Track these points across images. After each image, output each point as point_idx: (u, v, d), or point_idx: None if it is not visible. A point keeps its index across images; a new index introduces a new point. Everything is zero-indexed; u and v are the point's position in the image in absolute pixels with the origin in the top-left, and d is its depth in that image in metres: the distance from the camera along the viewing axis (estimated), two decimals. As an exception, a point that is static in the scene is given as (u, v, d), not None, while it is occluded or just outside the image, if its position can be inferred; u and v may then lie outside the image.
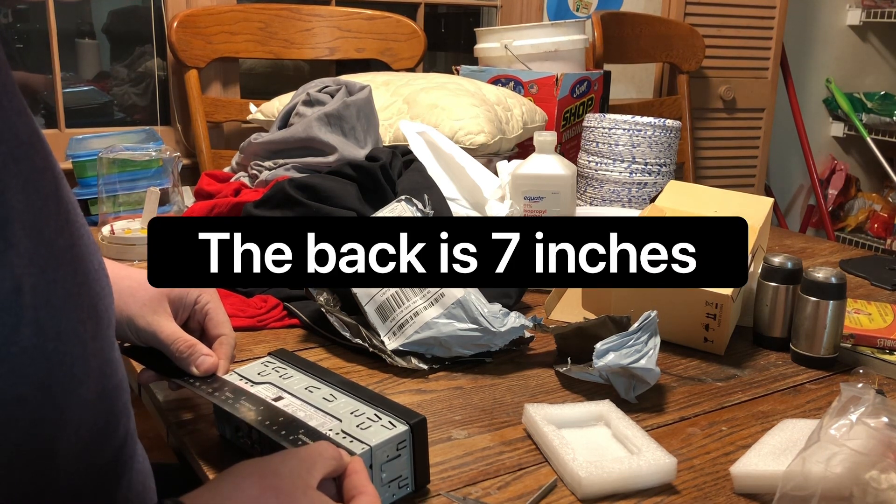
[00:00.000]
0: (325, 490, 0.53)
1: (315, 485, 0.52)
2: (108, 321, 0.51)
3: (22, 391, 0.40)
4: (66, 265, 0.45)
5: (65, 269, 0.44)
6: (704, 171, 2.65)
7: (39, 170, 0.43)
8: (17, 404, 0.40)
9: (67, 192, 0.47)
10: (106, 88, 2.12)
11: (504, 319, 0.91)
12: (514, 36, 1.93)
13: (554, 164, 1.18)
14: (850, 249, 1.55)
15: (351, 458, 0.57)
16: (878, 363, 0.96)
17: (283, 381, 0.70)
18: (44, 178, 0.44)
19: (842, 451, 0.61)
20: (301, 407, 0.66)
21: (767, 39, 2.68)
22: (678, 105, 2.47)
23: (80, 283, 0.46)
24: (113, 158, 1.38)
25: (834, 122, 3.28)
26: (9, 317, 0.39)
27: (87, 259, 0.48)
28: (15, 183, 0.40)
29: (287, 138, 1.30)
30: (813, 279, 0.95)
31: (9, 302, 0.39)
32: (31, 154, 0.43)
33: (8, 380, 0.39)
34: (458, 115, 1.48)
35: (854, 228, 3.29)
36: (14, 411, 0.40)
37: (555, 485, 0.69)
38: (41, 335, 0.41)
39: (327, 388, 0.69)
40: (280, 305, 1.04)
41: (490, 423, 0.79)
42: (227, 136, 2.01)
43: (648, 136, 1.56)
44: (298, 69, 2.45)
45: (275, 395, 0.68)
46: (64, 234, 0.45)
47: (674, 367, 0.95)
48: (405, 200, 0.97)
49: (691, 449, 0.76)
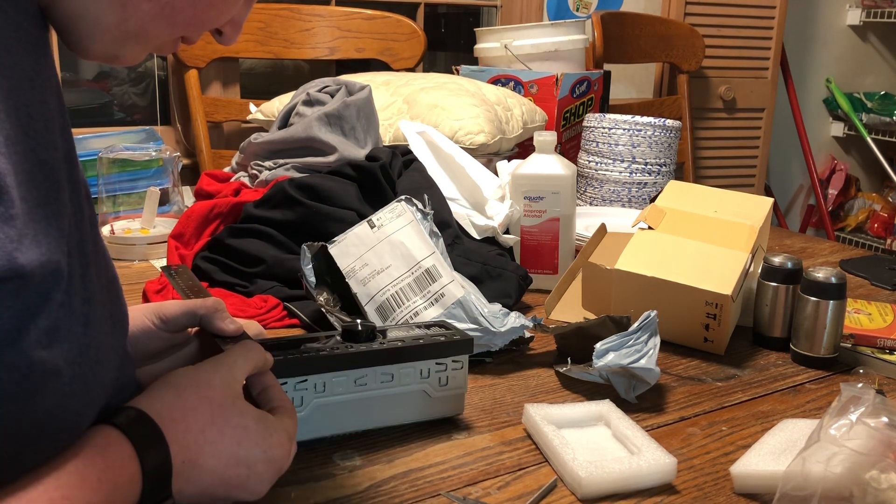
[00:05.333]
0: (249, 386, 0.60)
1: (241, 389, 0.57)
2: (123, 327, 0.55)
3: (59, 364, 0.44)
4: (95, 265, 0.49)
5: (95, 268, 0.49)
6: (704, 171, 2.65)
7: (79, 179, 0.50)
8: (53, 376, 0.43)
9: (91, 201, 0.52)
10: (106, 88, 2.12)
11: (504, 319, 0.91)
12: (514, 36, 1.93)
13: (554, 164, 1.18)
14: (850, 249, 1.55)
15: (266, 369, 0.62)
16: (878, 363, 0.96)
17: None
18: (82, 186, 0.50)
19: (842, 451, 0.61)
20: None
21: (767, 39, 2.68)
22: (678, 105, 2.47)
23: (109, 281, 0.52)
24: (113, 158, 1.38)
25: (834, 122, 3.28)
26: (56, 294, 0.43)
27: (109, 263, 0.54)
28: (66, 185, 0.46)
29: (287, 138, 1.30)
30: (813, 279, 0.95)
31: (57, 282, 0.43)
32: (77, 163, 0.50)
33: (49, 351, 0.43)
34: (458, 115, 1.48)
35: (854, 228, 3.29)
36: (50, 381, 0.43)
37: (555, 485, 0.69)
38: (74, 318, 0.45)
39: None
40: (280, 305, 1.04)
41: (490, 423, 0.79)
42: (227, 136, 2.01)
43: (648, 136, 1.56)
44: (298, 69, 2.45)
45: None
46: (97, 240, 0.51)
47: (674, 367, 0.95)
48: (405, 200, 0.97)
49: (691, 449, 0.76)
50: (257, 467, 0.55)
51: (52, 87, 0.47)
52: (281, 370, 0.67)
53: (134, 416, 0.50)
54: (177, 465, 0.50)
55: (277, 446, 0.56)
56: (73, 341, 0.45)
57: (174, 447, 0.50)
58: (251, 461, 0.55)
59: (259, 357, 0.61)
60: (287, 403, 0.60)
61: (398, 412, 0.76)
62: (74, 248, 0.46)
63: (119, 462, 0.47)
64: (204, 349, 0.72)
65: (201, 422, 0.53)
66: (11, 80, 0.43)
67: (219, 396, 0.55)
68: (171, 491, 0.50)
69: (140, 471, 0.48)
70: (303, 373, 0.70)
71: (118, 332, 0.53)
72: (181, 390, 0.54)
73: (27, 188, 0.42)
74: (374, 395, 0.74)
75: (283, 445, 0.57)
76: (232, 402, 0.55)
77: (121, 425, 0.49)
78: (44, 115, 0.45)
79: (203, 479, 0.52)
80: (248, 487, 0.55)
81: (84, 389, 0.46)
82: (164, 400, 0.53)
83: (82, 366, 0.46)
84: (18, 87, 0.43)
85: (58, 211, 0.44)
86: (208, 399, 0.54)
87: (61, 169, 0.46)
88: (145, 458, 0.48)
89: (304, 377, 0.70)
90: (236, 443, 0.54)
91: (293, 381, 0.70)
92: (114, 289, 0.54)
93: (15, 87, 0.43)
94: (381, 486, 0.67)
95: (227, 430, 0.54)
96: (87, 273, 0.47)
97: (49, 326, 0.43)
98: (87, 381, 0.47)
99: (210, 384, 0.55)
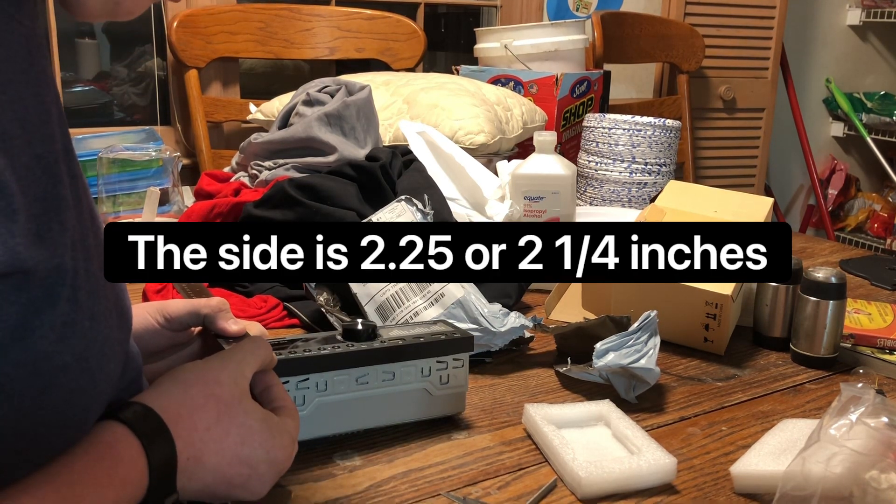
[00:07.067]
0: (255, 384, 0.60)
1: (248, 387, 0.57)
2: (127, 321, 0.54)
3: (66, 360, 0.44)
4: (97, 258, 0.50)
5: (98, 261, 0.49)
6: (704, 171, 2.65)
7: (77, 174, 0.49)
8: (61, 371, 0.44)
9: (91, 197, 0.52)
10: (106, 88, 2.12)
11: (504, 319, 0.91)
12: (514, 36, 1.93)
13: (554, 164, 1.18)
14: (850, 249, 1.55)
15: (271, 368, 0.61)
16: (878, 363, 0.96)
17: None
18: (80, 179, 0.49)
19: (842, 451, 0.61)
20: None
21: (767, 39, 2.68)
22: (678, 105, 2.47)
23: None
24: (113, 158, 1.38)
25: (834, 122, 3.27)
26: (62, 289, 0.43)
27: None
28: (65, 179, 0.46)
29: (287, 138, 1.30)
30: (813, 279, 0.95)
31: (62, 277, 0.44)
32: (74, 156, 0.49)
33: (57, 347, 0.43)
34: (458, 115, 1.48)
35: (854, 228, 3.29)
36: (58, 376, 0.43)
37: (555, 485, 0.69)
38: (80, 312, 0.45)
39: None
40: (280, 305, 1.04)
41: (490, 423, 0.79)
42: (227, 136, 2.01)
43: (648, 135, 1.56)
44: (298, 69, 2.45)
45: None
46: (98, 234, 0.51)
47: (674, 367, 0.95)
48: (405, 200, 0.97)
49: (691, 449, 0.76)
50: (259, 468, 0.55)
51: (46, 80, 0.46)
52: (283, 369, 0.67)
53: (141, 412, 0.50)
54: (182, 462, 0.50)
55: (280, 448, 0.56)
56: (79, 336, 0.45)
57: (180, 444, 0.50)
58: (254, 461, 0.55)
59: (267, 354, 0.61)
60: (289, 404, 0.60)
61: (399, 411, 0.76)
62: (78, 241, 0.46)
63: (127, 458, 0.47)
64: (207, 349, 0.72)
65: (207, 420, 0.53)
66: (7, 74, 0.42)
67: (226, 394, 0.55)
68: (175, 487, 0.50)
69: (147, 467, 0.48)
70: (305, 371, 0.70)
71: (123, 325, 0.53)
72: (188, 386, 0.54)
73: (27, 183, 0.42)
74: (375, 394, 0.74)
75: (285, 447, 0.57)
76: (238, 401, 0.55)
77: (127, 421, 0.49)
78: (40, 108, 0.45)
79: (206, 476, 0.52)
80: (249, 487, 0.55)
81: (91, 384, 0.46)
82: (170, 396, 0.53)
83: (89, 360, 0.46)
84: (13, 80, 0.43)
85: (59, 205, 0.44)
86: (215, 397, 0.54)
87: (60, 162, 0.46)
88: (152, 455, 0.48)
89: (305, 376, 0.70)
90: (240, 442, 0.54)
91: (295, 379, 0.70)
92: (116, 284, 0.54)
93: (11, 81, 0.42)
94: (381, 486, 0.67)
95: (232, 429, 0.54)
96: (90, 267, 0.47)
97: (55, 321, 0.43)
98: (94, 376, 0.47)
99: (218, 381, 0.55)
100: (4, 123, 0.41)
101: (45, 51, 0.47)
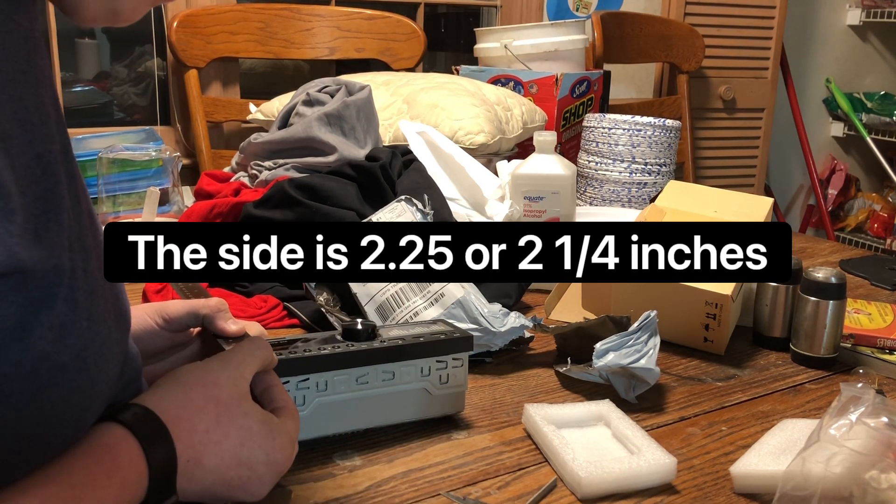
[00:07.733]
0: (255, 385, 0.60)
1: (248, 388, 0.57)
2: (126, 321, 0.55)
3: (64, 360, 0.44)
4: (96, 258, 0.49)
5: (97, 261, 0.49)
6: (704, 171, 2.65)
7: (76, 174, 0.49)
8: (59, 371, 0.44)
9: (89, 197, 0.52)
10: (106, 88, 2.12)
11: (504, 319, 0.91)
12: (514, 36, 1.93)
13: (554, 164, 1.18)
14: (850, 249, 1.55)
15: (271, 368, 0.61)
16: (878, 363, 0.96)
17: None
18: (78, 179, 0.49)
19: (842, 451, 0.61)
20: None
21: (767, 39, 2.68)
22: (678, 105, 2.47)
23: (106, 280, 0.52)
24: (113, 158, 1.38)
25: (834, 122, 3.28)
26: (59, 289, 0.43)
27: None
28: (63, 179, 0.46)
29: (287, 138, 1.30)
30: (813, 279, 0.95)
31: (60, 277, 0.44)
32: (72, 156, 0.49)
33: (55, 347, 0.43)
34: (458, 115, 1.48)
35: (854, 228, 3.29)
36: (56, 376, 0.43)
37: (555, 485, 0.69)
38: (78, 313, 0.45)
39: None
40: (280, 305, 1.04)
41: (490, 423, 0.79)
42: (227, 136, 2.01)
43: (648, 135, 1.56)
44: (298, 69, 2.45)
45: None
46: (96, 234, 0.51)
47: (674, 367, 0.95)
48: (405, 200, 0.97)
49: (691, 449, 0.76)
50: (259, 469, 0.55)
51: (45, 80, 0.46)
52: (283, 369, 0.67)
53: (140, 413, 0.50)
54: (181, 464, 0.50)
55: (280, 449, 0.56)
56: (77, 336, 0.45)
57: (179, 446, 0.50)
58: (253, 463, 0.55)
59: (267, 355, 0.61)
60: (289, 404, 0.60)
61: (399, 410, 0.76)
62: (75, 241, 0.46)
63: (127, 460, 0.47)
64: (206, 349, 0.72)
65: (206, 422, 0.53)
66: (6, 74, 0.42)
67: (225, 396, 0.55)
68: (175, 489, 0.50)
69: (147, 469, 0.48)
70: (305, 371, 0.70)
71: (122, 325, 0.53)
72: (188, 388, 0.54)
73: (26, 182, 0.42)
74: (375, 394, 0.74)
75: (285, 449, 0.57)
76: (238, 403, 0.55)
77: (127, 423, 0.49)
78: (39, 108, 0.45)
79: (205, 478, 0.52)
80: (249, 489, 0.55)
81: (89, 384, 0.46)
82: (170, 398, 0.53)
83: (87, 360, 0.46)
84: (13, 80, 0.43)
85: (57, 205, 0.44)
86: (215, 399, 0.54)
87: (59, 162, 0.46)
88: (152, 457, 0.48)
89: (305, 376, 0.70)
90: (240, 444, 0.54)
91: (295, 379, 0.70)
92: (114, 285, 0.54)
93: (10, 81, 0.42)
94: (381, 486, 0.67)
95: (232, 430, 0.54)
96: (88, 267, 0.47)
97: (54, 321, 0.43)
98: (93, 376, 0.47)
99: (218, 383, 0.55)
100: (3, 123, 0.41)
101: (44, 51, 0.47)
